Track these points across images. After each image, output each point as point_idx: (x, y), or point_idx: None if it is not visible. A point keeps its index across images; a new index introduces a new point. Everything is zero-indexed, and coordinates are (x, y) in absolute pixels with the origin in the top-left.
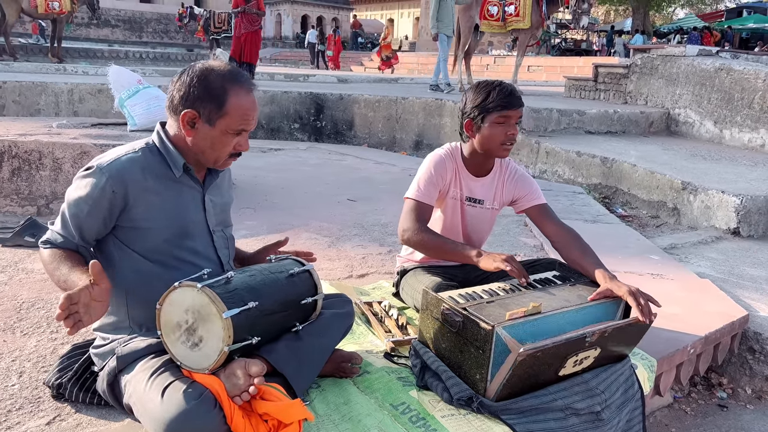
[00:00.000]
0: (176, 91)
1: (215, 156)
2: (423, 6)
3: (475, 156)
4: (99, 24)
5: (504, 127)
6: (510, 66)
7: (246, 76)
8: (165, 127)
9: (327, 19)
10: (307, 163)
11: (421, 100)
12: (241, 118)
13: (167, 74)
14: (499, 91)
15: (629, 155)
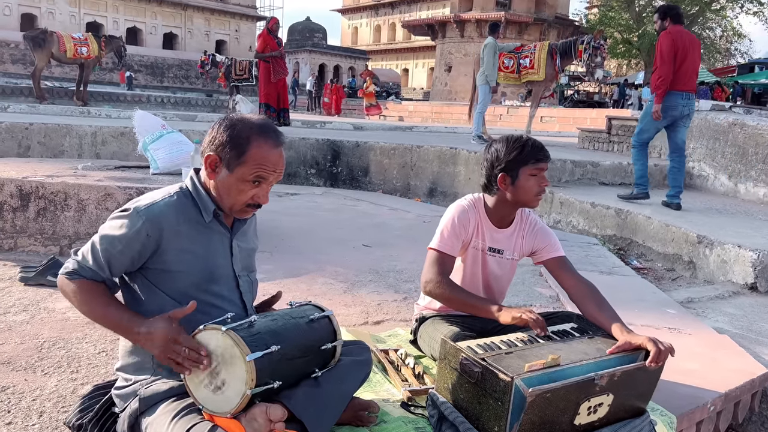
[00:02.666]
0: (208, 136)
1: (231, 202)
2: (437, 57)
3: (501, 207)
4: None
5: (538, 179)
6: (523, 116)
7: (276, 131)
8: (198, 173)
9: (344, 68)
10: (323, 208)
11: (435, 148)
12: (258, 168)
13: (187, 118)
14: (533, 146)
15: (643, 208)
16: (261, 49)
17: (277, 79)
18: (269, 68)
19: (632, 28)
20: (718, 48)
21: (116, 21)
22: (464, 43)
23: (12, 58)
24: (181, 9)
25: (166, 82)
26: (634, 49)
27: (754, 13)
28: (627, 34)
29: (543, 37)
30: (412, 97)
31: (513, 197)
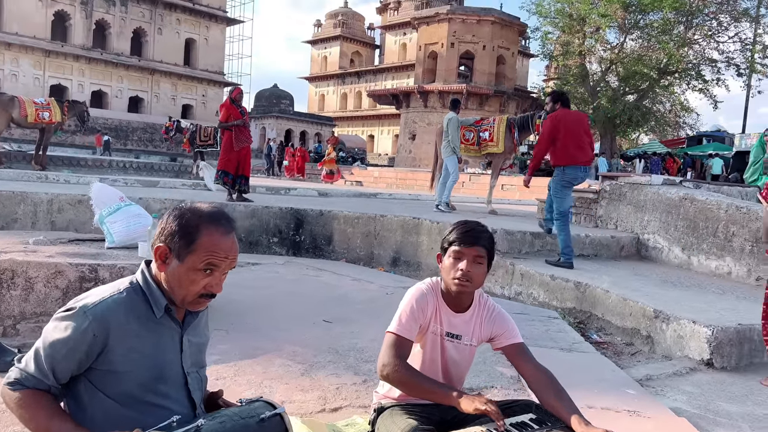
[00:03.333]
0: (159, 228)
1: (183, 294)
2: (402, 125)
3: (448, 290)
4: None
5: (456, 262)
6: (484, 184)
7: (227, 217)
8: (149, 265)
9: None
10: (284, 280)
11: (398, 218)
12: (210, 255)
13: (149, 184)
14: (463, 228)
15: (602, 280)
16: (224, 118)
17: (240, 148)
18: (231, 136)
19: (587, 101)
20: (668, 121)
21: (81, 84)
22: (428, 113)
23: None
24: (149, 73)
25: (130, 145)
26: (590, 120)
27: (700, 90)
28: (582, 107)
29: (503, 108)
30: (378, 162)
31: (443, 278)
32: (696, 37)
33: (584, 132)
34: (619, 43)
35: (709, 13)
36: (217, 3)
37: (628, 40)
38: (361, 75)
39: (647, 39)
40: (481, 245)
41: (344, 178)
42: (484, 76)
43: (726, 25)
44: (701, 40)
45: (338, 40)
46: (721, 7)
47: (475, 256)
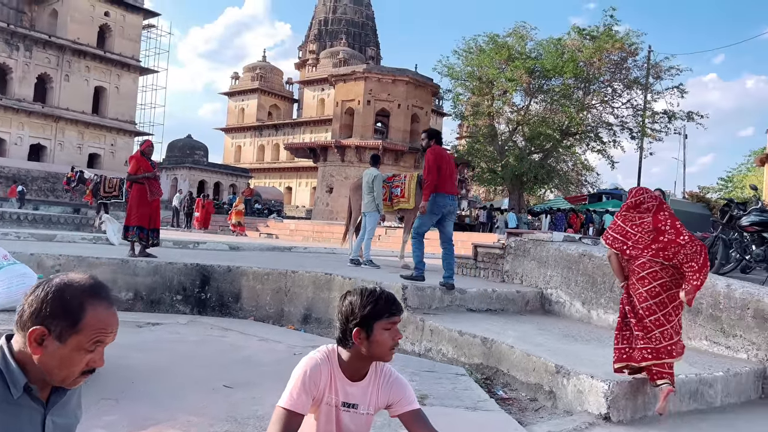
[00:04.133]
0: (27, 306)
1: (63, 375)
2: (319, 178)
3: (356, 361)
4: None
5: (391, 333)
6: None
7: (106, 289)
8: (10, 342)
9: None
10: (186, 341)
11: (310, 273)
12: (97, 334)
13: (44, 238)
14: (386, 300)
15: (507, 335)
16: (133, 170)
17: (151, 200)
18: (143, 189)
19: (496, 159)
20: (570, 179)
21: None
22: (345, 167)
23: None
24: (53, 121)
25: (29, 195)
26: (499, 177)
27: (598, 151)
28: (492, 164)
29: (417, 164)
30: (296, 215)
31: (368, 352)
32: (594, 102)
33: (454, 166)
34: (524, 106)
35: (604, 80)
36: (130, 52)
37: (533, 103)
38: (279, 128)
39: (550, 103)
40: (403, 311)
41: (259, 230)
42: (399, 132)
43: (620, 92)
44: (598, 105)
45: (256, 92)
46: (614, 76)
47: (400, 322)
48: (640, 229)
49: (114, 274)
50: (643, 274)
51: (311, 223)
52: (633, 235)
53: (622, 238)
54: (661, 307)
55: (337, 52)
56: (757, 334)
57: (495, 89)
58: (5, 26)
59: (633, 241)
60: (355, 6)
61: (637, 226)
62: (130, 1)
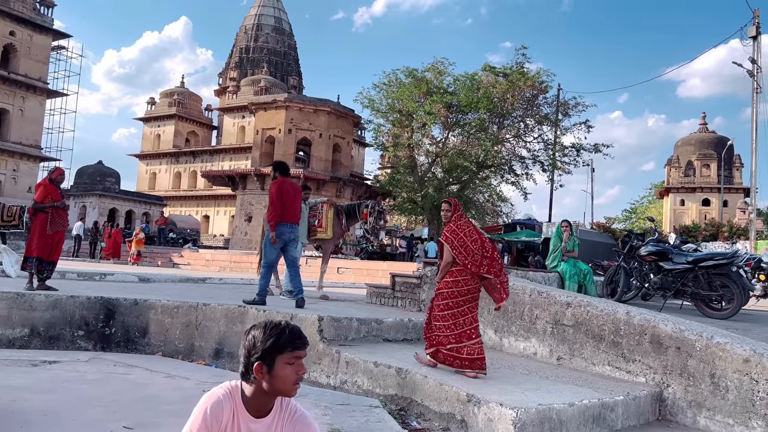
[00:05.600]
0: None
1: None
2: (238, 206)
3: (259, 397)
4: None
5: (295, 368)
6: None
7: None
8: None
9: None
10: (85, 380)
11: (223, 306)
12: None
13: None
14: (290, 333)
15: (421, 366)
16: (40, 198)
17: (54, 231)
18: (46, 219)
19: (416, 189)
20: (486, 209)
21: None
22: (264, 195)
23: None
24: None
25: None
26: (419, 207)
27: (512, 183)
28: (412, 195)
29: (339, 193)
30: (213, 244)
31: (270, 387)
32: (507, 136)
33: (297, 197)
34: (443, 138)
35: (517, 116)
36: (37, 73)
37: (451, 136)
38: (196, 155)
39: (467, 136)
40: (308, 344)
41: (172, 261)
42: (321, 162)
43: (531, 126)
44: (512, 139)
45: (173, 118)
46: (526, 111)
47: (305, 356)
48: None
49: (9, 309)
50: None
51: (229, 253)
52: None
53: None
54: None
55: (258, 80)
56: (653, 358)
57: (414, 122)
58: None
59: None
60: (277, 35)
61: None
62: (38, 21)
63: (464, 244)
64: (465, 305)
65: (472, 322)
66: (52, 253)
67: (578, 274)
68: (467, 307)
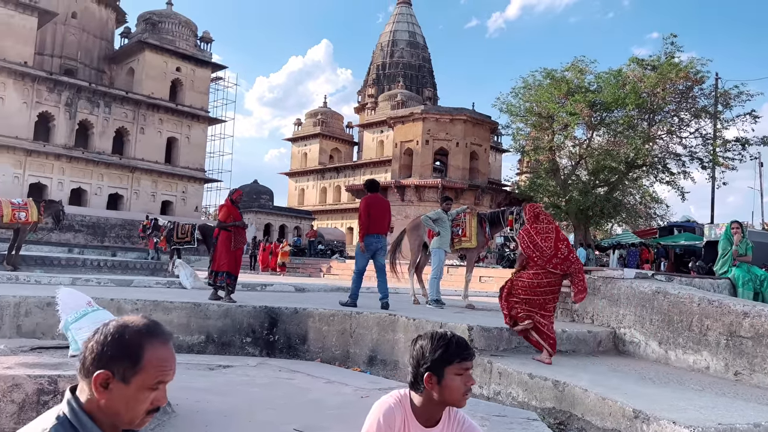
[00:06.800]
0: (89, 352)
1: (131, 416)
2: None
3: (428, 406)
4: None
5: (464, 378)
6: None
7: (162, 327)
8: (76, 394)
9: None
10: (256, 384)
11: (374, 314)
12: (158, 372)
13: (123, 284)
14: (457, 344)
15: (580, 378)
16: (224, 218)
17: (236, 248)
18: (230, 237)
19: (559, 194)
20: (638, 212)
21: (61, 182)
22: (405, 206)
23: None
24: (129, 171)
25: (107, 242)
26: (563, 212)
27: (667, 182)
28: (554, 200)
29: (477, 201)
30: None
31: (440, 397)
32: (660, 132)
33: (385, 210)
34: (587, 139)
35: (669, 110)
36: (200, 103)
37: (596, 136)
38: (340, 170)
39: (613, 135)
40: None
41: (322, 271)
42: (458, 171)
43: (687, 121)
44: (665, 136)
45: (318, 137)
46: (680, 105)
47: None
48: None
49: (188, 318)
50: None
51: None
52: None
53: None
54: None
55: (395, 95)
56: None
57: (555, 124)
58: (87, 85)
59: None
60: (411, 49)
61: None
62: (200, 57)
63: (534, 241)
64: (542, 296)
65: (543, 310)
66: (235, 267)
67: (753, 280)
68: (544, 299)
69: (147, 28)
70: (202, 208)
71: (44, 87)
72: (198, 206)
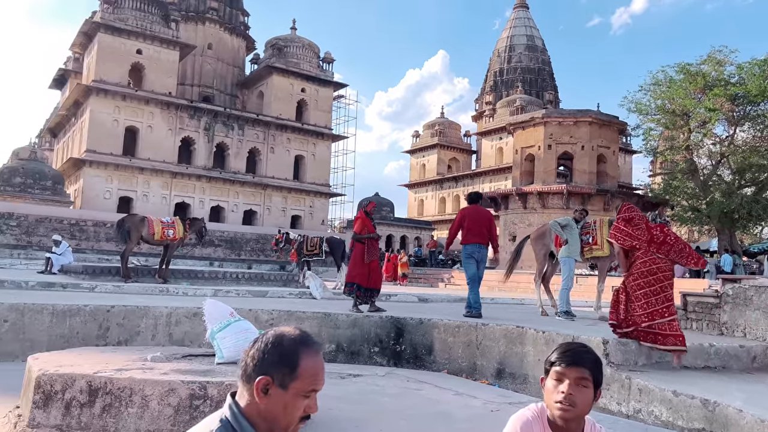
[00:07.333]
0: (250, 359)
1: (287, 421)
2: (501, 227)
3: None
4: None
5: (558, 384)
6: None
7: (315, 340)
8: (236, 398)
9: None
10: (385, 393)
11: (501, 326)
12: (312, 380)
13: (258, 294)
14: (564, 348)
15: (734, 397)
16: (359, 230)
17: (369, 260)
18: (363, 249)
19: (698, 196)
20: None
21: (202, 201)
22: (527, 214)
23: (106, 237)
24: (261, 189)
25: (243, 255)
26: (704, 215)
27: None
28: (694, 202)
29: (606, 207)
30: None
31: (546, 403)
32: None
33: (483, 220)
34: (729, 136)
35: None
36: (323, 122)
37: (739, 132)
38: (458, 179)
39: (761, 129)
40: (583, 366)
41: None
42: (584, 175)
43: None
44: None
45: (435, 148)
46: None
47: (578, 377)
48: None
49: (319, 327)
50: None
51: (496, 273)
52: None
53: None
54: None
55: (513, 101)
56: None
57: (692, 121)
58: (223, 110)
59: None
60: (529, 53)
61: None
62: (322, 77)
63: (627, 233)
64: (656, 284)
65: (664, 301)
66: (371, 280)
67: None
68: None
69: (274, 53)
70: (327, 221)
71: (186, 114)
72: (324, 219)
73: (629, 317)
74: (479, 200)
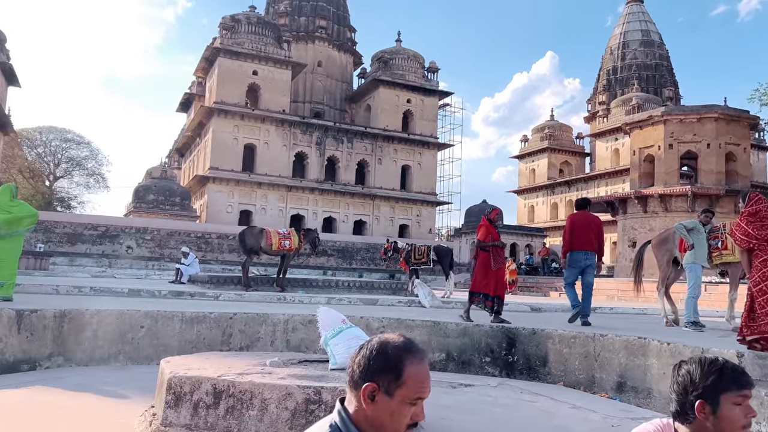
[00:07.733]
0: (356, 366)
1: (394, 428)
2: (620, 232)
3: None
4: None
5: (744, 409)
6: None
7: (419, 347)
8: (344, 404)
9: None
10: (498, 404)
11: (621, 338)
12: (417, 387)
13: (369, 302)
14: (733, 370)
15: None
16: (483, 238)
17: (497, 268)
18: (488, 258)
19: None
20: None
21: (315, 212)
22: (648, 218)
23: (229, 248)
24: (370, 199)
25: (354, 264)
26: None
27: None
28: None
29: (738, 208)
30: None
31: (715, 429)
32: None
33: (591, 227)
34: None
35: None
36: (429, 131)
37: None
38: (571, 184)
39: None
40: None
41: (558, 290)
42: (711, 175)
43: None
44: None
45: (546, 152)
46: None
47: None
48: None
49: (428, 336)
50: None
51: (615, 281)
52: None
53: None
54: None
55: (629, 99)
56: None
57: None
58: (333, 125)
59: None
60: (645, 49)
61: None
62: (427, 87)
63: (746, 232)
64: None
65: None
66: (498, 288)
67: None
68: None
69: (380, 66)
70: (434, 229)
71: (299, 130)
72: (431, 228)
73: (754, 325)
74: (587, 206)
